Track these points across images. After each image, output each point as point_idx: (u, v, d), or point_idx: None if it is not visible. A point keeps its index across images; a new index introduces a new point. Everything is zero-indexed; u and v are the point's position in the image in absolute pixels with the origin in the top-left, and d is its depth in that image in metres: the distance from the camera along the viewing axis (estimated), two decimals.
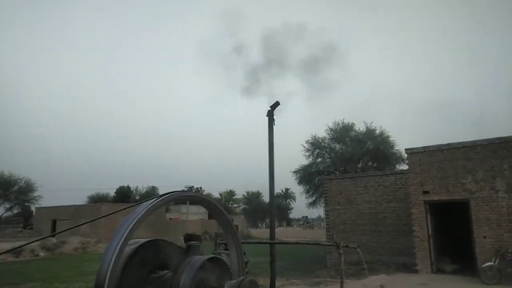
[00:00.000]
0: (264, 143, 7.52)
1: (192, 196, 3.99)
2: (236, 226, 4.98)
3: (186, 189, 52.03)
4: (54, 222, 32.26)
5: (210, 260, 3.82)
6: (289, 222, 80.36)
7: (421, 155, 13.74)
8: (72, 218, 30.71)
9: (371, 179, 17.31)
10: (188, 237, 5.43)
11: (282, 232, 40.72)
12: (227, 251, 4.76)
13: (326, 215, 18.93)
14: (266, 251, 10.37)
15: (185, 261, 3.74)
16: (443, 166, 13.21)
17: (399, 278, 12.11)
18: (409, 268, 13.63)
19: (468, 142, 13.01)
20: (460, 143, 13.17)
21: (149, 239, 4.05)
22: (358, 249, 6.23)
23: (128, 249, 3.86)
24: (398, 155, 28.18)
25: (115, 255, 3.12)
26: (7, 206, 33.97)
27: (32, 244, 23.32)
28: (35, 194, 35.15)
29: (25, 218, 40.58)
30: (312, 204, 31.98)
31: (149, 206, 3.52)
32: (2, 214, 32.68)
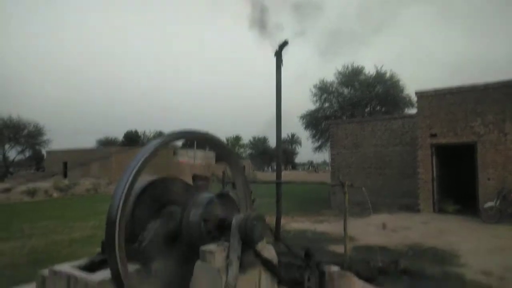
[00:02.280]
0: (272, 88, 7.35)
1: (199, 135, 3.97)
2: (243, 166, 5.02)
3: None
4: (65, 164, 33.22)
5: (218, 196, 3.90)
6: (295, 167, 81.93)
7: (431, 98, 13.49)
8: (82, 161, 31.51)
9: (378, 123, 17.21)
10: (196, 177, 5.51)
11: (288, 176, 41.59)
12: (234, 190, 4.87)
13: (331, 159, 19.14)
14: (271, 192, 10.66)
15: (194, 197, 3.81)
16: (453, 109, 13.01)
17: (401, 217, 12.50)
18: (411, 208, 14.01)
19: (480, 84, 12.67)
20: (472, 85, 12.84)
21: (159, 177, 4.11)
22: (362, 188, 6.32)
23: (138, 185, 3.94)
24: (407, 99, 27.75)
25: (125, 191, 3.18)
26: (19, 149, 34.87)
27: (45, 185, 24.23)
28: (44, 138, 35.91)
29: (37, 161, 41.84)
30: (318, 148, 32.29)
31: (157, 145, 3.52)
32: (15, 157, 33.74)
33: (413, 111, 21.03)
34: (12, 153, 34.70)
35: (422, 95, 13.78)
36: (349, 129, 17.92)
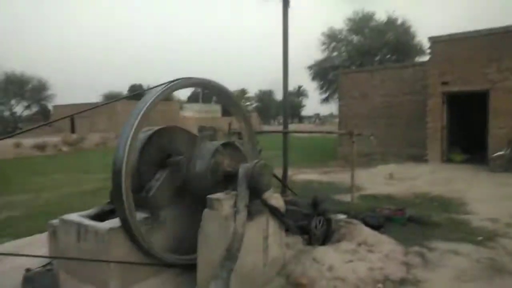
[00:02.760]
0: (278, 37, 7.00)
1: (201, 83, 3.81)
2: (249, 116, 4.89)
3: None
4: (72, 119, 33.37)
5: (224, 145, 3.82)
6: (301, 120, 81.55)
7: (444, 44, 12.91)
8: (88, 116, 31.58)
9: (388, 71, 16.71)
10: (203, 128, 5.41)
11: (294, 129, 41.50)
12: (240, 140, 4.79)
13: (339, 110, 18.86)
14: (278, 145, 10.62)
15: (200, 147, 3.74)
16: (467, 55, 12.47)
17: (409, 167, 12.50)
18: (419, 158, 13.98)
19: (499, 28, 12.01)
20: (490, 29, 12.18)
21: (164, 126, 4.03)
22: (371, 136, 6.21)
23: (143, 135, 3.86)
24: (419, 47, 26.73)
25: (129, 140, 3.10)
26: (25, 104, 34.93)
27: (55, 139, 24.48)
28: (49, 92, 35.82)
29: (44, 116, 42.14)
30: (325, 100, 31.81)
31: (158, 93, 3.39)
32: (22, 112, 33.95)
33: (424, 59, 20.29)
34: (19, 109, 34.96)
35: (435, 41, 13.18)
36: (358, 78, 17.45)
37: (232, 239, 3.02)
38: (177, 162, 3.77)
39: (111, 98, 35.49)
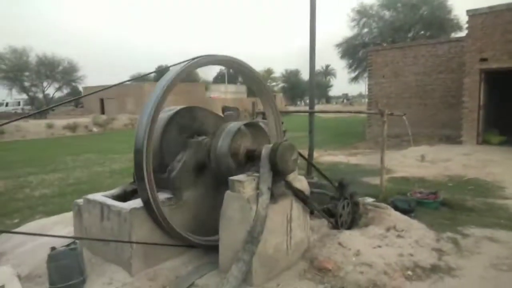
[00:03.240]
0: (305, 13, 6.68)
1: (223, 60, 3.66)
2: (274, 95, 4.72)
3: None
4: (101, 100, 34.26)
5: (247, 125, 3.70)
6: (329, 100, 79.89)
7: (484, 17, 12.03)
8: (117, 97, 32.25)
9: (422, 48, 15.86)
10: (226, 108, 5.30)
11: (321, 109, 40.77)
12: (265, 120, 4.65)
13: (368, 89, 18.23)
14: (304, 126, 10.38)
15: (222, 126, 3.63)
16: (508, 29, 11.58)
17: (442, 149, 11.96)
18: (453, 139, 13.35)
19: None
20: None
21: (186, 106, 3.94)
22: (403, 116, 5.89)
23: (165, 115, 3.78)
24: (456, 21, 25.19)
25: (149, 119, 3.03)
26: (56, 86, 36.07)
27: (85, 120, 25.23)
28: (79, 74, 36.74)
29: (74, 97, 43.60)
30: (354, 79, 30.85)
31: (178, 71, 3.28)
32: (54, 94, 35.07)
33: (461, 34, 19.13)
34: (51, 90, 36.12)
35: (474, 14, 12.30)
36: (390, 56, 16.71)
37: (254, 222, 2.93)
38: (200, 142, 3.69)
39: (140, 80, 35.93)
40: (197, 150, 3.65)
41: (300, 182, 3.56)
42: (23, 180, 9.27)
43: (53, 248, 2.92)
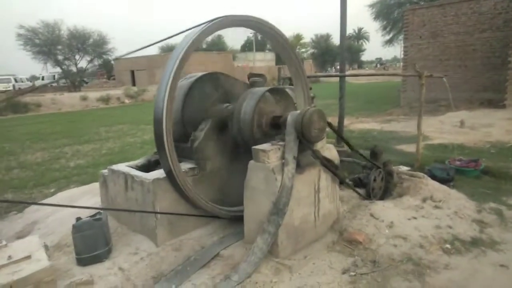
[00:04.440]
0: None
1: (243, 20, 3.40)
2: (302, 59, 4.43)
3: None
4: (132, 72, 34.66)
5: (272, 91, 3.48)
6: (361, 65, 76.81)
7: None
8: (147, 68, 32.49)
9: (464, 5, 14.58)
10: (252, 75, 5.06)
11: (353, 73, 39.28)
12: (291, 86, 4.40)
13: (404, 52, 17.20)
14: (333, 93, 9.96)
15: (245, 92, 3.43)
16: None
17: (482, 114, 11.20)
18: (495, 104, 12.46)
19: None
20: None
21: (208, 72, 3.76)
22: (443, 78, 5.44)
23: (186, 82, 3.63)
24: None
25: (168, 86, 2.88)
26: (87, 59, 36.73)
27: (117, 92, 25.70)
28: (109, 46, 37.12)
29: (107, 70, 44.27)
30: (389, 42, 29.24)
31: (195, 34, 3.06)
32: (86, 66, 35.75)
33: None
34: (83, 63, 36.86)
35: None
36: (428, 15, 15.53)
37: (279, 193, 2.78)
38: (223, 110, 3.53)
39: (168, 51, 35.91)
40: (220, 118, 3.50)
41: (329, 150, 3.35)
42: (59, 151, 9.59)
43: (78, 219, 2.92)
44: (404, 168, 4.86)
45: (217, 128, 3.49)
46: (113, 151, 9.39)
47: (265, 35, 3.64)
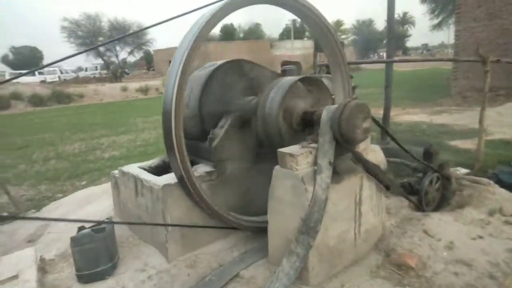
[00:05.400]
0: None
1: None
2: (342, 43, 3.81)
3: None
4: (170, 62, 34.86)
5: (304, 80, 2.91)
6: (406, 51, 72.88)
7: None
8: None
9: None
10: (285, 63, 4.50)
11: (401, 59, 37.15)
12: (329, 75, 3.80)
13: (455, 36, 15.70)
14: (378, 81, 9.13)
15: (272, 82, 2.89)
16: None
17: None
18: None
19: None
20: None
21: (230, 60, 3.26)
22: None
23: (205, 72, 3.13)
24: None
25: (179, 75, 2.42)
26: (128, 50, 37.57)
27: (156, 83, 25.96)
28: (148, 37, 37.68)
29: (147, 61, 45.18)
30: (437, 26, 27.27)
31: (207, 18, 2.56)
32: (126, 58, 36.64)
33: None
34: (124, 54, 37.78)
35: None
36: None
37: (310, 208, 2.25)
38: (246, 104, 3.02)
39: (206, 40, 35.74)
40: (243, 113, 3.00)
41: (374, 153, 2.75)
42: (96, 142, 9.60)
43: (81, 228, 2.57)
44: (462, 171, 4.13)
45: (240, 125, 3.00)
46: (147, 142, 9.24)
47: (294, 11, 3.06)
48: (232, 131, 2.97)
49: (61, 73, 33.54)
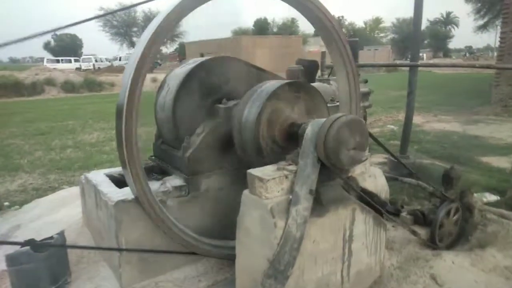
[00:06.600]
0: None
1: None
2: (357, 41, 3.28)
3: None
4: (202, 55, 34.98)
5: (293, 86, 2.43)
6: (448, 53, 69.32)
7: None
8: (216, 52, 32.44)
9: None
10: (300, 62, 4.03)
11: (425, 63, 35.30)
12: (329, 78, 3.30)
13: (501, 39, 14.42)
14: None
15: (253, 88, 2.43)
16: None
17: None
18: None
19: None
20: None
21: (215, 56, 2.83)
22: None
23: (183, 70, 2.72)
24: None
25: (134, 68, 2.02)
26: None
27: None
28: (180, 29, 37.85)
29: (179, 53, 45.69)
30: (482, 27, 25.45)
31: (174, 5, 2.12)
32: (162, 50, 37.12)
33: None
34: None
35: None
36: None
37: (280, 247, 1.80)
38: (229, 109, 2.59)
39: (239, 33, 35.58)
40: (224, 120, 2.57)
41: (374, 179, 2.25)
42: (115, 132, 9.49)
43: (27, 243, 2.24)
44: (490, 198, 3.49)
45: (220, 133, 2.58)
46: None
47: (290, 2, 2.58)
48: (210, 139, 2.56)
49: (96, 61, 34.42)
